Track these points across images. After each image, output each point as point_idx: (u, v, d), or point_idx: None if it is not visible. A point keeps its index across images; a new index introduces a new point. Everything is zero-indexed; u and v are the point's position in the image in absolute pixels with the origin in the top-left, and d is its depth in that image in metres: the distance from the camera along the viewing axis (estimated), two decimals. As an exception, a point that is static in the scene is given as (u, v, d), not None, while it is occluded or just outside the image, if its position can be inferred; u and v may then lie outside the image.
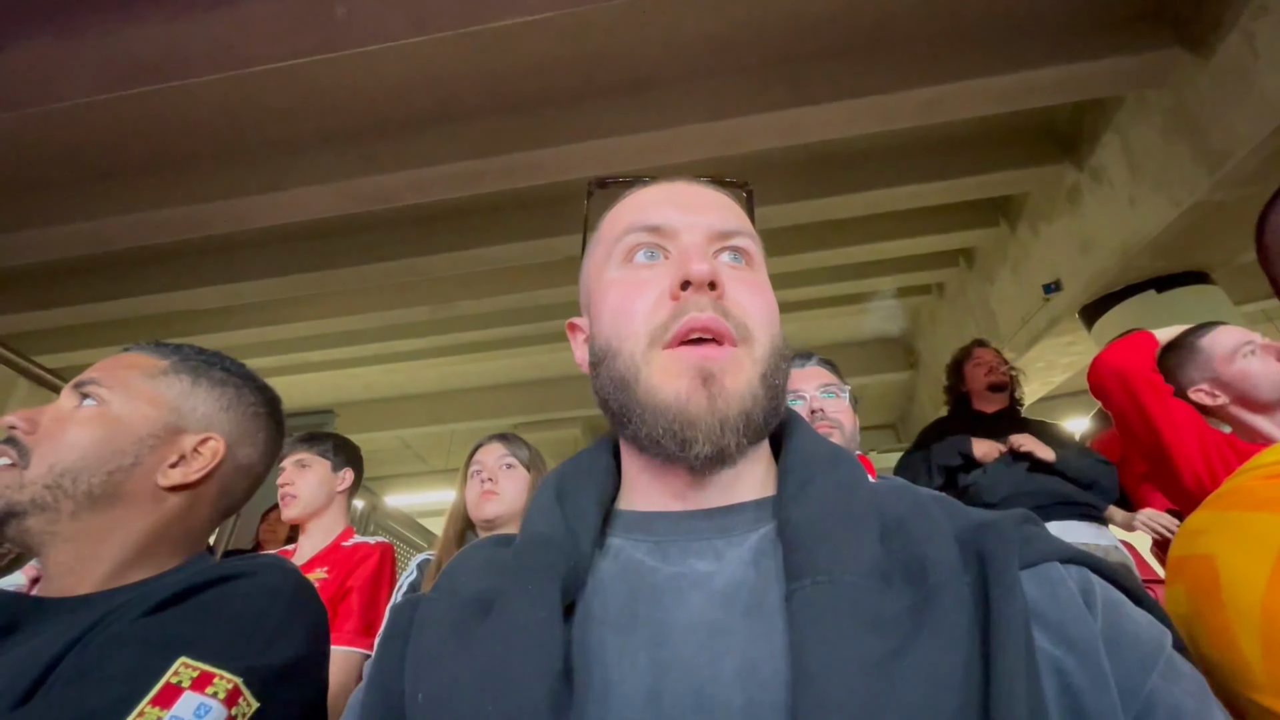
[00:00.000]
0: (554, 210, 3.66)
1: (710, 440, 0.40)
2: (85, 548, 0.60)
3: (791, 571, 0.35)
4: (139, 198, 3.07)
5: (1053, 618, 0.33)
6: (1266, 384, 1.23)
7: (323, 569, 1.41)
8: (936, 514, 0.39)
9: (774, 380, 0.43)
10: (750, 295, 0.45)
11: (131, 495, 0.63)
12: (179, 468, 0.66)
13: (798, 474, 0.42)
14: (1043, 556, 0.36)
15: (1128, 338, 1.43)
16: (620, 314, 0.45)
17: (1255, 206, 2.84)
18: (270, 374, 4.58)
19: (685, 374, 0.41)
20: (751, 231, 0.50)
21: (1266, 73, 2.32)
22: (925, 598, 0.33)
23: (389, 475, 7.71)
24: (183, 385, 0.69)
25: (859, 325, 6.09)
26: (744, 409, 0.40)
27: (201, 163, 3.05)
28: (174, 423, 0.67)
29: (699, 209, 0.48)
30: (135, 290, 3.95)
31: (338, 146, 3.01)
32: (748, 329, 0.43)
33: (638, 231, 0.47)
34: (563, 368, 6.10)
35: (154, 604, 0.53)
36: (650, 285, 0.45)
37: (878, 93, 2.76)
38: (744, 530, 0.41)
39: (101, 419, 0.63)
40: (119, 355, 0.70)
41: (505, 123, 2.95)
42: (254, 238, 3.69)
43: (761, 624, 0.35)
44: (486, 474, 1.23)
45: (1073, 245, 3.60)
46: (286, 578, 0.62)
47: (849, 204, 3.63)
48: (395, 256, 3.78)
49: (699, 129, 2.88)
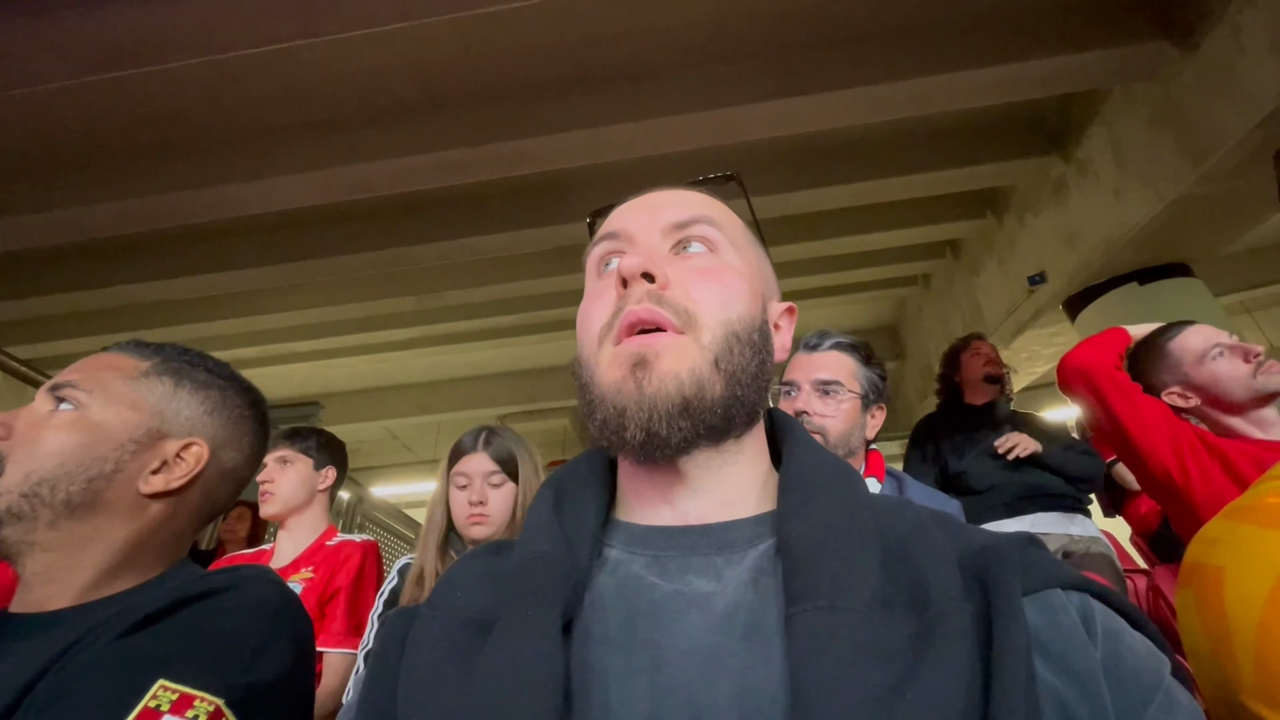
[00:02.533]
0: (542, 200, 3.63)
1: (639, 425, 0.39)
2: (64, 557, 0.58)
3: (792, 595, 0.35)
4: (116, 185, 2.99)
5: (1055, 648, 0.33)
6: (1235, 386, 1.25)
7: (308, 569, 1.39)
8: (938, 536, 0.38)
9: (732, 367, 0.41)
10: (701, 281, 0.44)
11: (112, 503, 0.61)
12: (161, 474, 0.64)
13: (798, 489, 0.41)
14: (1045, 583, 0.35)
15: (1096, 336, 1.44)
16: (583, 323, 0.46)
17: (1238, 200, 2.88)
18: (254, 364, 4.56)
19: (622, 364, 0.41)
20: (713, 216, 0.48)
21: (1252, 67, 2.34)
22: (927, 626, 0.32)
23: (376, 466, 7.67)
24: (165, 388, 0.66)
25: (847, 315, 6.13)
26: (681, 393, 0.39)
27: (181, 150, 2.98)
28: (156, 427, 0.64)
29: (655, 208, 0.49)
30: (113, 280, 3.87)
31: (321, 135, 2.95)
32: (690, 315, 0.42)
33: (602, 242, 0.49)
34: (551, 358, 6.08)
35: (131, 623, 0.51)
36: (605, 291, 0.45)
37: (869, 84, 2.75)
38: (743, 547, 0.41)
39: (80, 424, 0.61)
40: (97, 356, 0.67)
41: (492, 111, 2.91)
42: (237, 226, 3.62)
43: (759, 647, 0.35)
44: (475, 495, 1.18)
45: (1058, 237, 3.63)
46: (270, 591, 0.60)
47: (839, 195, 3.63)
48: (380, 246, 3.73)
49: (689, 119, 2.85)
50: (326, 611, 1.35)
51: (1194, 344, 1.31)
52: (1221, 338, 1.30)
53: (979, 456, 1.96)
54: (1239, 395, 1.25)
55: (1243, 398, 1.25)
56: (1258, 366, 1.23)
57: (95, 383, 0.63)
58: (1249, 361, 1.24)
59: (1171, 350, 1.33)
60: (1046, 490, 1.87)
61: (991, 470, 1.92)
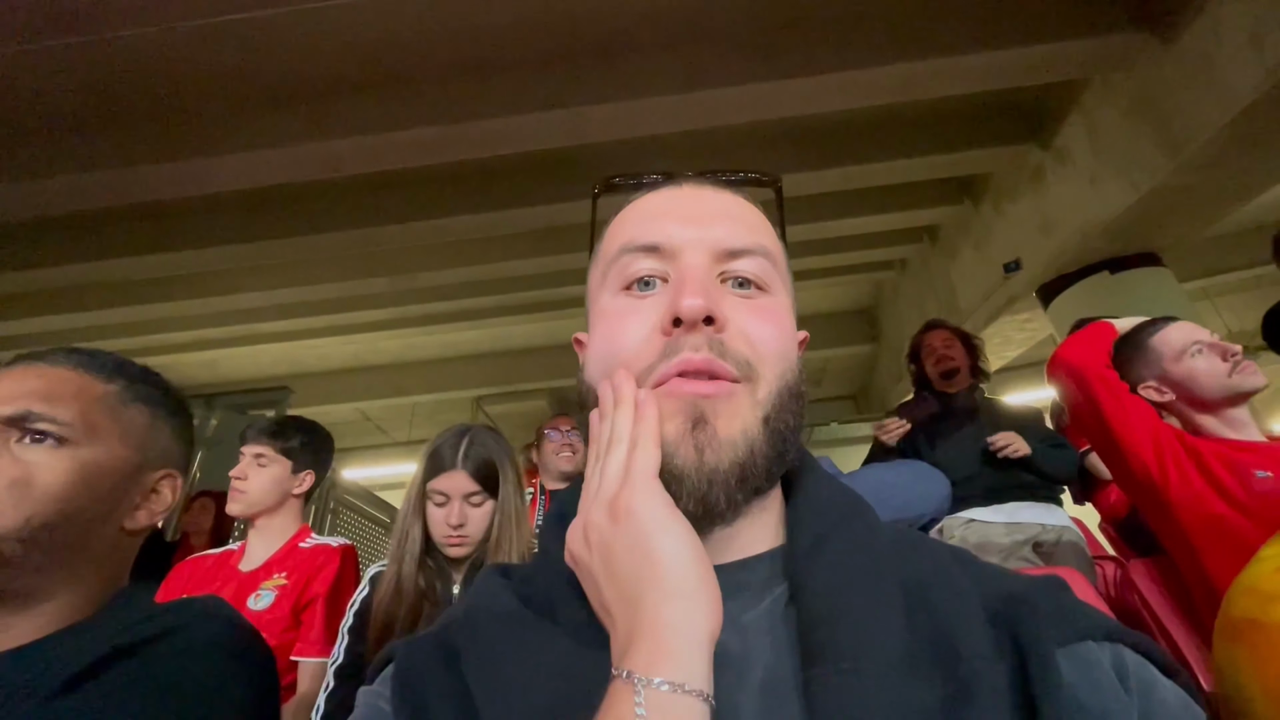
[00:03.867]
0: (519, 181, 3.53)
1: (695, 497, 0.36)
2: (29, 603, 0.53)
3: (811, 652, 0.33)
4: (67, 159, 2.82)
5: (1094, 709, 0.32)
6: (1210, 383, 1.26)
7: (281, 574, 1.34)
8: (960, 580, 0.36)
9: (780, 424, 0.39)
10: (759, 325, 0.40)
11: (98, 545, 0.57)
12: (144, 510, 0.60)
13: (810, 527, 0.39)
14: (1078, 635, 0.34)
15: (1085, 331, 1.44)
16: (608, 350, 0.41)
17: (1210, 192, 2.93)
18: (220, 346, 4.41)
19: (674, 415, 0.37)
20: (766, 246, 0.44)
21: (1230, 59, 2.35)
22: (959, 688, 0.31)
23: (348, 448, 7.55)
24: (144, 419, 0.62)
25: (825, 299, 6.16)
26: (737, 459, 0.36)
27: (135, 122, 2.81)
28: (139, 461, 0.60)
29: (704, 220, 0.43)
30: (69, 258, 3.67)
31: (286, 109, 2.81)
32: (751, 366, 0.38)
33: (633, 252, 0.43)
34: (529, 339, 6.01)
35: (62, 681, 0.46)
36: (641, 317, 0.40)
37: (852, 68, 2.71)
38: (758, 591, 0.38)
39: (76, 462, 0.55)
40: (43, 370, 0.59)
41: (468, 88, 2.80)
42: (201, 203, 3.45)
43: (776, 705, 0.33)
44: (454, 518, 1.13)
45: (1034, 225, 3.67)
46: (221, 630, 0.56)
47: (820, 179, 3.60)
48: (350, 226, 3.60)
49: (670, 101, 2.79)
50: (303, 619, 1.30)
51: (1174, 340, 1.33)
52: (1201, 335, 1.31)
53: (954, 447, 1.98)
54: (1213, 393, 1.27)
55: (1217, 396, 1.27)
56: (1234, 366, 1.25)
57: (72, 413, 0.57)
58: (1226, 360, 1.26)
59: (1153, 345, 1.35)
60: (1020, 481, 1.90)
61: (967, 460, 1.94)
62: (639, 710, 0.28)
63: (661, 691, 0.28)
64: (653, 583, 0.32)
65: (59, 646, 0.52)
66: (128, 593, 0.61)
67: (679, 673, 0.29)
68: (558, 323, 5.41)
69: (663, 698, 0.28)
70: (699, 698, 0.29)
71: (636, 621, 0.32)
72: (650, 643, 0.30)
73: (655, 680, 0.29)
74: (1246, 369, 1.24)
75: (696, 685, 0.29)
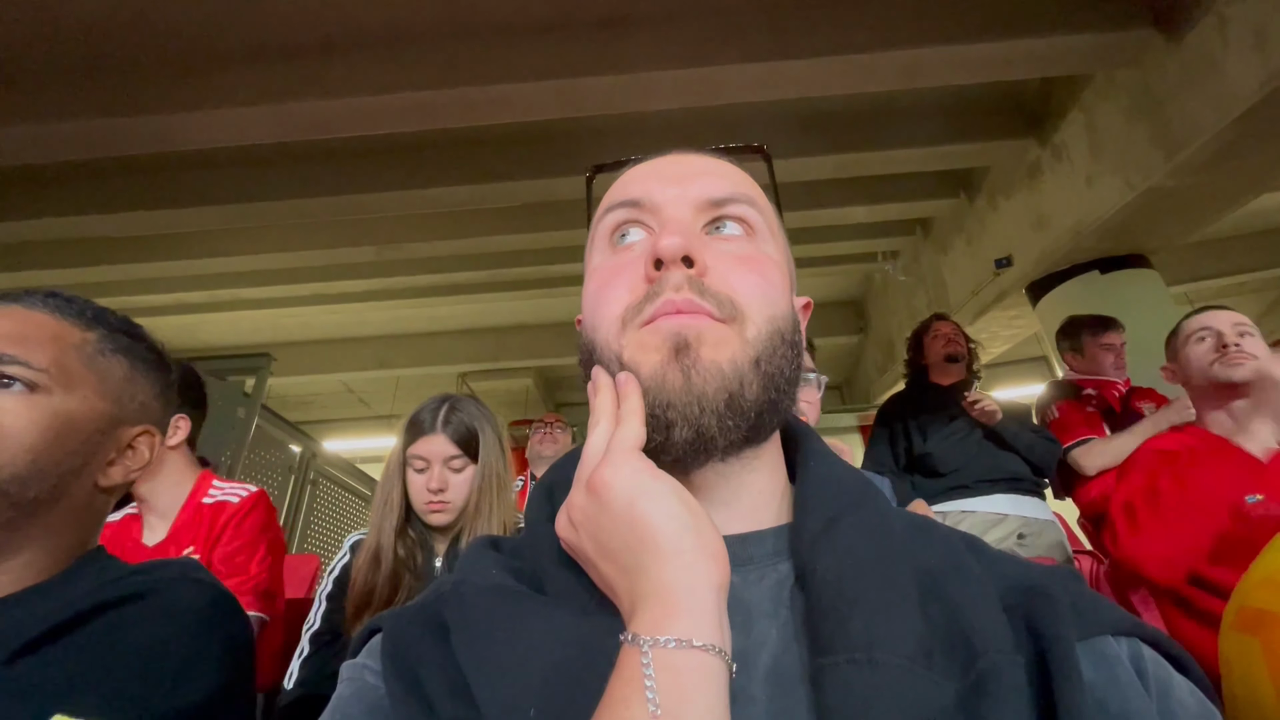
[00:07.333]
0: (513, 151, 3.46)
1: (689, 422, 0.35)
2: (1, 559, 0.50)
3: (821, 642, 0.31)
4: (31, 107, 2.69)
5: (1115, 707, 0.31)
6: (1195, 369, 1.28)
7: (190, 548, 1.22)
8: (974, 569, 0.35)
9: (772, 368, 0.37)
10: (742, 270, 0.39)
11: (70, 500, 0.53)
12: (119, 466, 0.57)
13: (819, 509, 0.37)
14: (1097, 628, 0.33)
15: None
16: (598, 302, 0.41)
17: (1205, 194, 2.93)
18: (200, 310, 4.29)
19: (659, 345, 0.36)
20: (753, 196, 0.44)
21: (1234, 61, 2.35)
22: (977, 683, 0.29)
23: (329, 420, 7.46)
24: (123, 370, 0.58)
25: (814, 289, 6.15)
26: (724, 386, 0.35)
27: (111, 71, 2.69)
28: (116, 414, 0.57)
29: (686, 178, 0.43)
30: (44, 211, 3.53)
31: (273, 65, 2.71)
32: (735, 306, 0.37)
33: (617, 208, 0.43)
34: (516, 316, 5.94)
35: (24, 641, 0.43)
36: (627, 268, 0.40)
37: (859, 51, 2.67)
38: (761, 565, 0.37)
39: (48, 411, 0.52)
40: (21, 314, 0.55)
41: (465, 51, 2.72)
42: (183, 160, 3.33)
43: (782, 694, 0.31)
44: (434, 482, 1.10)
45: (1027, 221, 3.67)
46: (196, 593, 0.53)
47: (819, 166, 3.58)
48: (339, 191, 3.51)
49: (672, 75, 2.73)
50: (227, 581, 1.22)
51: (1191, 324, 1.34)
52: (1214, 322, 1.29)
53: (945, 438, 2.00)
54: (1197, 379, 1.28)
55: (1200, 382, 1.27)
56: (1221, 354, 1.23)
57: (46, 357, 0.53)
58: (1218, 349, 1.25)
59: (1182, 327, 1.36)
60: (1008, 474, 1.91)
61: (957, 453, 1.96)
62: (647, 671, 0.27)
63: (669, 649, 0.27)
64: (646, 549, 0.31)
65: (25, 605, 0.49)
66: (97, 553, 0.58)
67: (686, 629, 0.28)
68: (546, 300, 5.34)
69: (671, 655, 0.27)
70: (711, 652, 0.28)
71: (639, 589, 0.31)
72: (655, 603, 0.29)
73: (662, 639, 0.28)
74: (1232, 359, 1.21)
75: (706, 639, 0.28)
